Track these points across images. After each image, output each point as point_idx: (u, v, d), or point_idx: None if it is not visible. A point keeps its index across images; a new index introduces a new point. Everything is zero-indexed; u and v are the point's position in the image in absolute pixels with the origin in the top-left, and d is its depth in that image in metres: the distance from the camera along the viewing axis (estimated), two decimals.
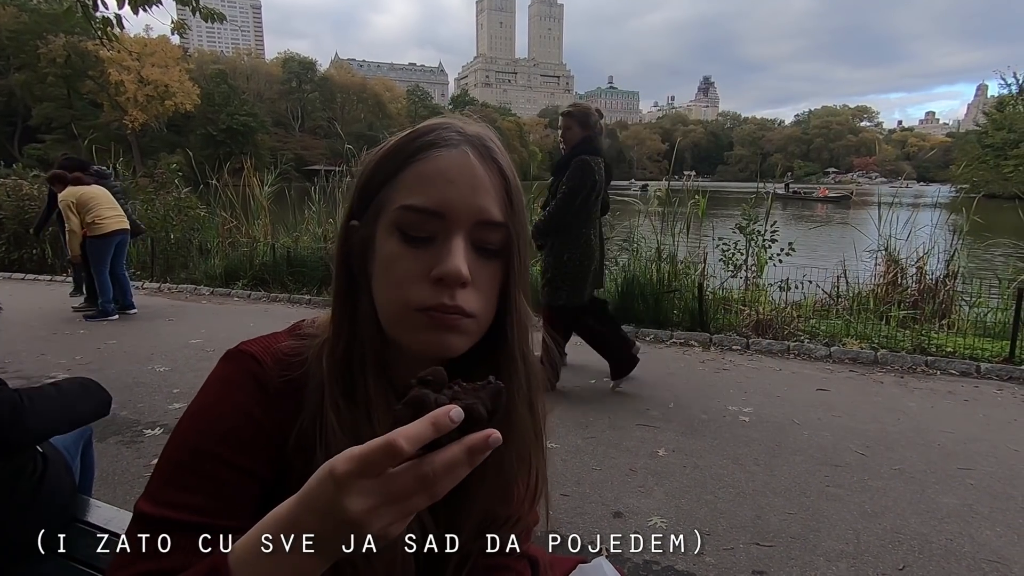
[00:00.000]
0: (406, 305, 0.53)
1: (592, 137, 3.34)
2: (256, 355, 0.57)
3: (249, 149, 48.18)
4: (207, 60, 70.88)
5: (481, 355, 0.58)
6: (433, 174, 0.54)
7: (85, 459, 1.51)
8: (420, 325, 0.53)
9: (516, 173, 0.58)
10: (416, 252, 0.53)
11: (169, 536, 0.51)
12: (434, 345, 0.54)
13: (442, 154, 0.55)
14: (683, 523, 2.19)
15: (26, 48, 46.28)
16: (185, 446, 0.55)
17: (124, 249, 5.48)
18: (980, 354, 4.16)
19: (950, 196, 9.40)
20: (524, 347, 0.59)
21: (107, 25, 4.36)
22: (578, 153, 3.27)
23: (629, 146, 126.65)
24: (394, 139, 0.58)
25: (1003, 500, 2.37)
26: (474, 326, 0.55)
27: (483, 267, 0.55)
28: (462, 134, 0.56)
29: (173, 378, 3.73)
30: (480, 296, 0.55)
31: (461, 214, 0.53)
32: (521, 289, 0.58)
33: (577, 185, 3.21)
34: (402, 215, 0.54)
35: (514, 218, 0.56)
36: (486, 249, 0.55)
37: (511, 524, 0.64)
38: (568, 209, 3.23)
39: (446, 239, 0.53)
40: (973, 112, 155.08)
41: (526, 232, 0.58)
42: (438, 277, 0.52)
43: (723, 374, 3.98)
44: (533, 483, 0.64)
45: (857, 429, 3.06)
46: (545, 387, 0.64)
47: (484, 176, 0.55)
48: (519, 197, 0.57)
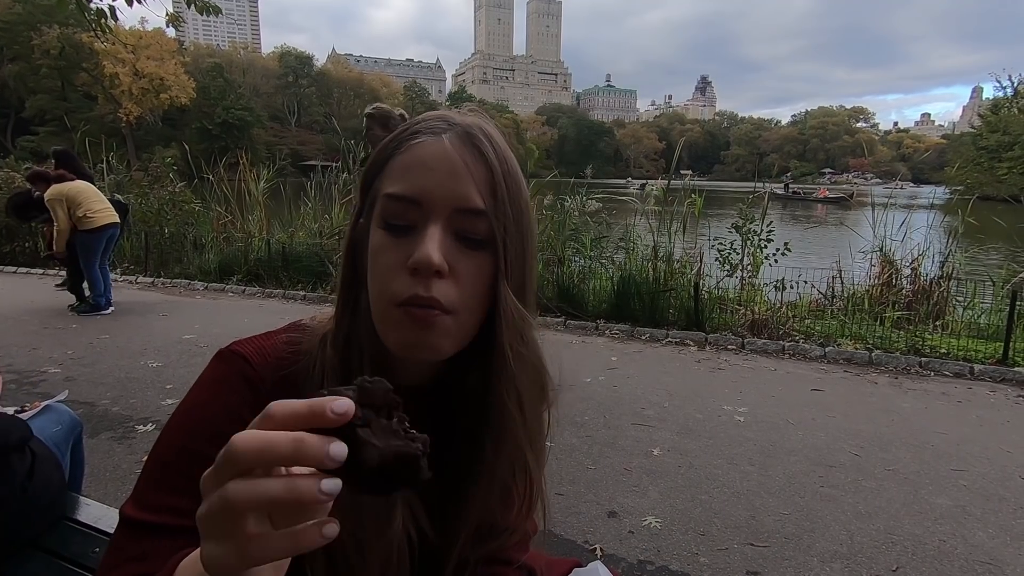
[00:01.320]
0: (386, 300, 0.52)
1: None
2: (247, 356, 0.57)
3: (245, 144, 47.80)
4: (203, 53, 70.35)
5: (473, 355, 0.56)
6: (413, 162, 0.53)
7: (75, 455, 1.49)
8: (398, 322, 0.52)
9: (511, 163, 0.56)
10: (397, 242, 0.52)
11: (153, 540, 0.50)
12: (412, 345, 0.52)
13: (424, 142, 0.54)
14: (678, 523, 2.19)
15: (20, 39, 45.83)
16: (173, 446, 0.54)
17: (113, 244, 5.41)
18: (974, 356, 4.18)
19: (944, 198, 9.44)
20: (515, 346, 0.55)
21: (101, 17, 4.32)
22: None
23: (626, 144, 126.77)
24: (393, 132, 0.58)
25: (996, 501, 2.38)
26: (453, 324, 0.52)
27: (467, 258, 0.52)
28: (450, 123, 0.55)
29: (166, 374, 3.70)
30: (461, 288, 0.52)
31: (438, 201, 0.52)
32: (514, 284, 0.55)
33: None
34: (385, 204, 0.53)
35: (499, 207, 0.53)
36: (471, 240, 0.53)
37: (508, 533, 0.63)
38: None
39: (424, 228, 0.51)
40: (968, 114, 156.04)
41: (520, 224, 0.55)
42: (412, 266, 0.50)
43: (718, 374, 3.99)
44: (528, 492, 0.62)
45: (851, 430, 3.07)
46: (549, 390, 0.61)
47: (465, 163, 0.52)
48: (509, 186, 0.54)
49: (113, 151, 9.25)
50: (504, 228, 0.53)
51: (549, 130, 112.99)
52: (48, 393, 3.24)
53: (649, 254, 5.34)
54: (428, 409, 0.60)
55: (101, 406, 3.16)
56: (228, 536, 0.31)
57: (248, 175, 7.62)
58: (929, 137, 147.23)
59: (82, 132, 9.49)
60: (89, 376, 3.63)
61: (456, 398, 0.60)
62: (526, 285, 0.57)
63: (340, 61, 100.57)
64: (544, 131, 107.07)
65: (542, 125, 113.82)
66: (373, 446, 0.32)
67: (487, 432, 0.57)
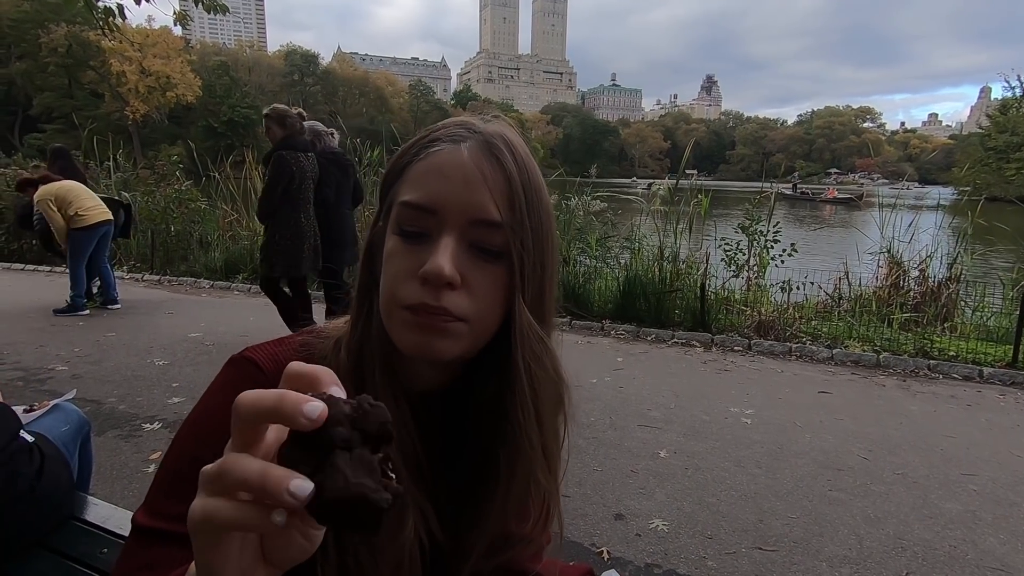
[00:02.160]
0: (396, 302, 0.51)
1: (290, 135, 3.77)
2: (259, 362, 0.56)
3: (250, 142, 47.88)
4: (209, 52, 70.55)
5: (489, 366, 0.56)
6: (430, 170, 0.52)
7: (83, 455, 1.49)
8: (406, 323, 0.51)
9: (532, 174, 0.55)
10: (411, 249, 0.52)
11: (163, 548, 0.49)
12: (420, 347, 0.51)
13: (443, 150, 0.53)
14: (685, 526, 2.18)
15: (27, 37, 46.05)
16: (184, 454, 0.53)
17: (107, 242, 5.34)
18: (983, 358, 4.15)
19: (951, 198, 9.37)
20: (531, 364, 0.54)
21: (109, 15, 4.34)
22: (278, 149, 3.70)
23: (631, 144, 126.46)
24: (414, 136, 0.57)
25: (1007, 507, 2.36)
26: (465, 330, 0.52)
27: (482, 269, 0.52)
28: (471, 131, 0.54)
29: (172, 372, 3.71)
30: (474, 299, 0.51)
31: (453, 211, 0.51)
32: (532, 297, 0.54)
33: (274, 176, 3.68)
34: (400, 211, 0.53)
35: (516, 219, 0.52)
36: (487, 250, 0.52)
37: (524, 544, 0.62)
38: (270, 197, 3.72)
39: (438, 237, 0.51)
40: (976, 114, 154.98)
41: (540, 236, 0.54)
42: (423, 276, 0.50)
43: (725, 375, 3.97)
44: (544, 507, 0.61)
45: (859, 433, 3.05)
46: (566, 398, 0.60)
47: (483, 173, 0.52)
48: (529, 197, 0.53)
49: (120, 149, 9.28)
50: (521, 241, 0.52)
51: (554, 129, 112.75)
52: (56, 391, 3.25)
53: (655, 254, 5.32)
54: (441, 416, 0.59)
55: (108, 404, 3.16)
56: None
57: (254, 173, 7.64)
58: (936, 137, 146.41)
59: (89, 130, 9.49)
60: (96, 374, 3.64)
61: (472, 408, 0.59)
62: (545, 297, 0.56)
63: (345, 60, 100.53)
64: (549, 130, 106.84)
65: (547, 124, 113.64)
66: (343, 476, 0.29)
67: (503, 452, 0.56)
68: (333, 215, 4.08)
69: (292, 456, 0.30)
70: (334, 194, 4.07)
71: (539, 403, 0.55)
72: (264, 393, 0.31)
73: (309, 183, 3.81)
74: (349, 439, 0.30)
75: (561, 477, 0.62)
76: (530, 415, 0.55)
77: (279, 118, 3.74)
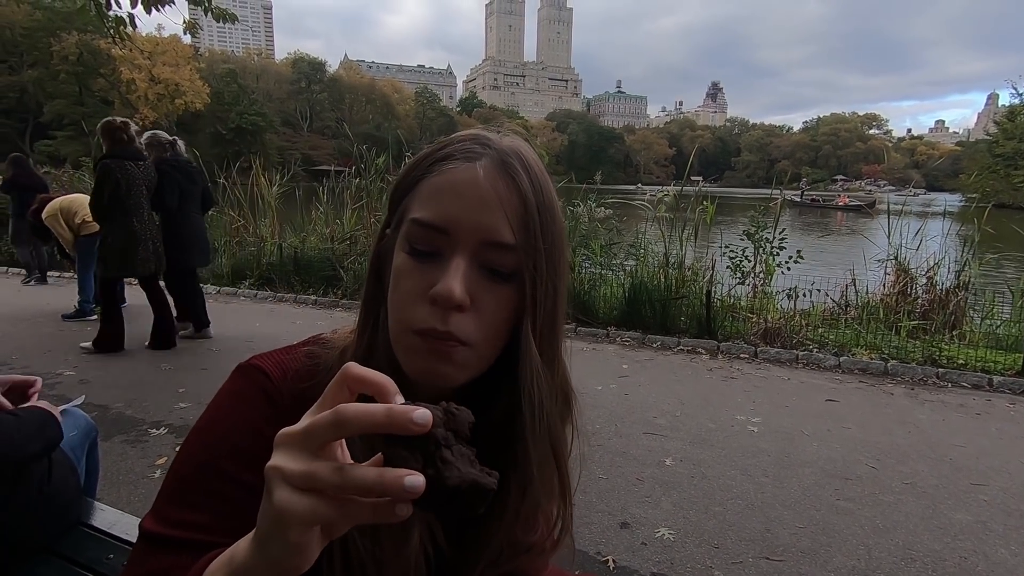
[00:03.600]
0: (404, 325, 0.51)
1: (116, 145, 4.07)
2: (267, 370, 0.56)
3: (257, 148, 48.30)
4: (218, 59, 71.37)
5: (498, 387, 0.55)
6: (444, 187, 0.51)
7: (90, 461, 1.49)
8: (415, 348, 0.51)
9: (547, 193, 0.53)
10: (421, 268, 0.51)
11: (171, 555, 0.49)
12: (426, 373, 0.51)
13: (458, 167, 0.51)
14: (691, 535, 2.16)
15: (39, 45, 46.72)
16: (192, 461, 0.54)
17: None
18: (992, 367, 4.11)
19: (959, 205, 9.32)
20: (536, 382, 0.53)
21: (120, 24, 4.39)
22: (103, 159, 4.02)
23: (636, 150, 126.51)
24: (427, 148, 0.56)
25: (1018, 517, 2.33)
26: (472, 356, 0.51)
27: (491, 291, 0.51)
28: (487, 147, 0.53)
29: (178, 377, 3.73)
30: (482, 322, 0.50)
31: (466, 231, 0.50)
32: (544, 318, 0.53)
33: (98, 183, 3.97)
34: (411, 228, 0.52)
35: (529, 242, 0.51)
36: (497, 272, 0.51)
37: (530, 554, 0.62)
38: (97, 203, 3.99)
39: (449, 257, 0.50)
40: (983, 121, 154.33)
41: (552, 257, 0.53)
42: (432, 297, 0.49)
43: (731, 383, 3.95)
44: (553, 522, 0.61)
45: (867, 441, 3.02)
46: (573, 407, 0.60)
47: (498, 194, 0.50)
48: (543, 219, 0.52)
49: None
50: (534, 264, 0.51)
51: (559, 136, 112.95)
52: (64, 396, 3.27)
53: (660, 261, 5.31)
54: None
55: (115, 409, 3.18)
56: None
57: (261, 180, 7.69)
58: (943, 144, 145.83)
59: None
60: (102, 379, 3.66)
61: (481, 427, 0.59)
62: (556, 318, 0.55)
63: (352, 67, 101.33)
64: (554, 137, 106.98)
65: (552, 131, 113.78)
66: (456, 468, 0.34)
67: (512, 475, 0.55)
68: (179, 219, 4.40)
69: (399, 455, 0.34)
70: (177, 199, 4.35)
71: (550, 426, 0.55)
72: (371, 408, 0.33)
73: (141, 189, 4.10)
74: (448, 438, 0.35)
75: (573, 489, 0.62)
76: (542, 439, 0.54)
77: (105, 131, 4.07)
